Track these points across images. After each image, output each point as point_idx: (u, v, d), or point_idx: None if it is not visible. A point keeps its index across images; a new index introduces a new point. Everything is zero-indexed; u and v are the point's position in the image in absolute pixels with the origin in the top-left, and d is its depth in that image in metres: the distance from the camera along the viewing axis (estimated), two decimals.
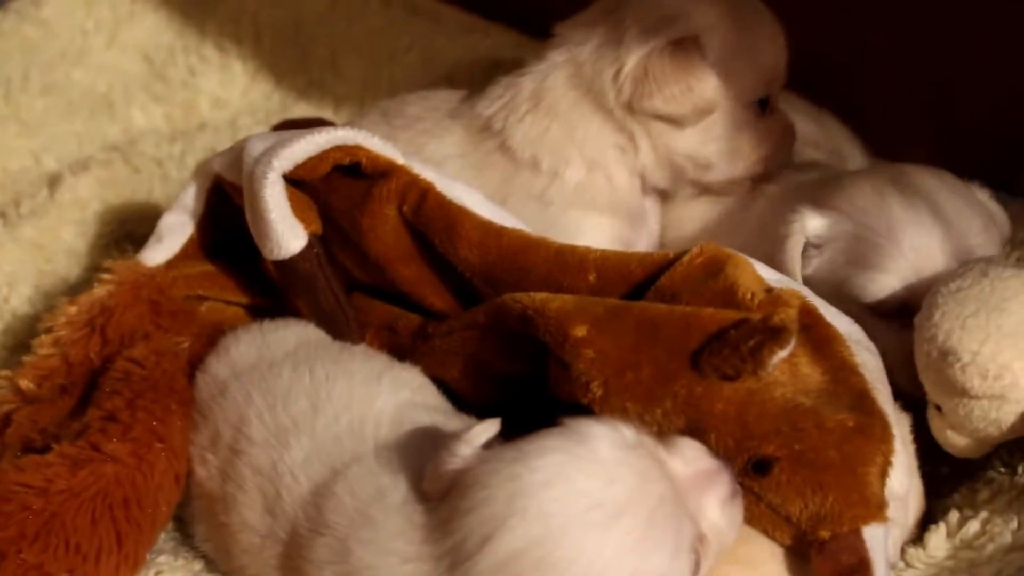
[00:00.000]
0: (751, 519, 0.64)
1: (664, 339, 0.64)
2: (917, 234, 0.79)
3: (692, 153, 0.90)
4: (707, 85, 0.85)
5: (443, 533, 0.58)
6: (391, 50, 1.27)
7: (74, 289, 0.95)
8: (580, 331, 0.66)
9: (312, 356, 0.76)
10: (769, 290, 0.67)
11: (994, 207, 0.85)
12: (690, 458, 0.60)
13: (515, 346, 0.73)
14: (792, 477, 0.62)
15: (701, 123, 0.88)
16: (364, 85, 1.25)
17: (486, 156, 0.91)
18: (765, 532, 0.64)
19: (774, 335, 0.60)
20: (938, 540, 0.72)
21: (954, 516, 0.74)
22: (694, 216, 0.93)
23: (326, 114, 1.22)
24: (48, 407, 0.76)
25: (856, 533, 0.61)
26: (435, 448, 0.61)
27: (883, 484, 0.62)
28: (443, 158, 0.90)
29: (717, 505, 0.60)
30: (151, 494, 0.72)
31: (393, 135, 0.92)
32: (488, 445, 0.61)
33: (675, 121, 0.87)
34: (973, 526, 0.72)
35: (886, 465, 0.63)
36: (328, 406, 0.72)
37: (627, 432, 0.59)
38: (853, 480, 0.62)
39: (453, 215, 0.75)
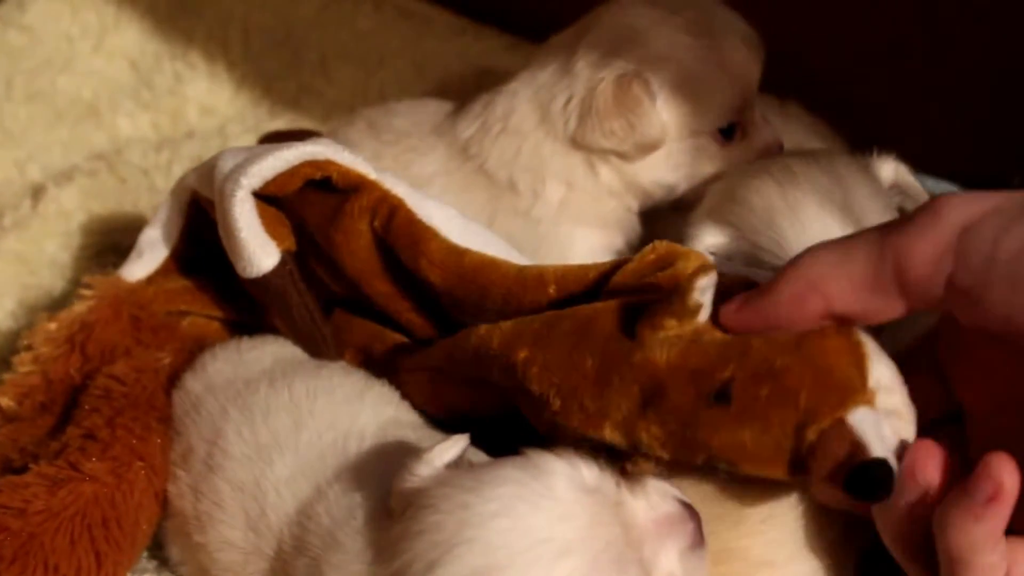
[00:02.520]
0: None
1: (599, 330, 0.64)
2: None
3: (654, 181, 0.89)
4: (650, 123, 0.84)
5: (392, 553, 0.57)
6: (381, 54, 1.25)
7: (58, 303, 0.94)
8: (522, 353, 0.66)
9: (290, 372, 0.75)
10: None
11: (906, 177, 0.83)
12: (655, 503, 0.59)
13: (477, 390, 0.73)
14: (756, 393, 0.58)
15: (659, 153, 0.87)
16: (354, 90, 1.23)
17: (469, 176, 0.90)
18: (764, 472, 0.60)
19: (699, 271, 0.59)
20: None
21: None
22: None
23: (315, 120, 1.21)
24: (28, 426, 0.75)
25: (840, 422, 0.56)
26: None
27: (859, 371, 0.58)
28: (429, 176, 0.90)
29: (675, 553, 0.58)
30: (131, 513, 0.71)
31: (380, 151, 0.91)
32: (457, 463, 0.61)
33: (619, 155, 0.86)
34: None
35: (859, 355, 0.59)
36: (311, 422, 0.71)
37: (587, 472, 0.57)
38: (818, 373, 0.57)
39: (419, 234, 0.74)
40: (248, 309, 0.84)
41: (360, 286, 0.78)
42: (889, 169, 0.83)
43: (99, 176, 1.09)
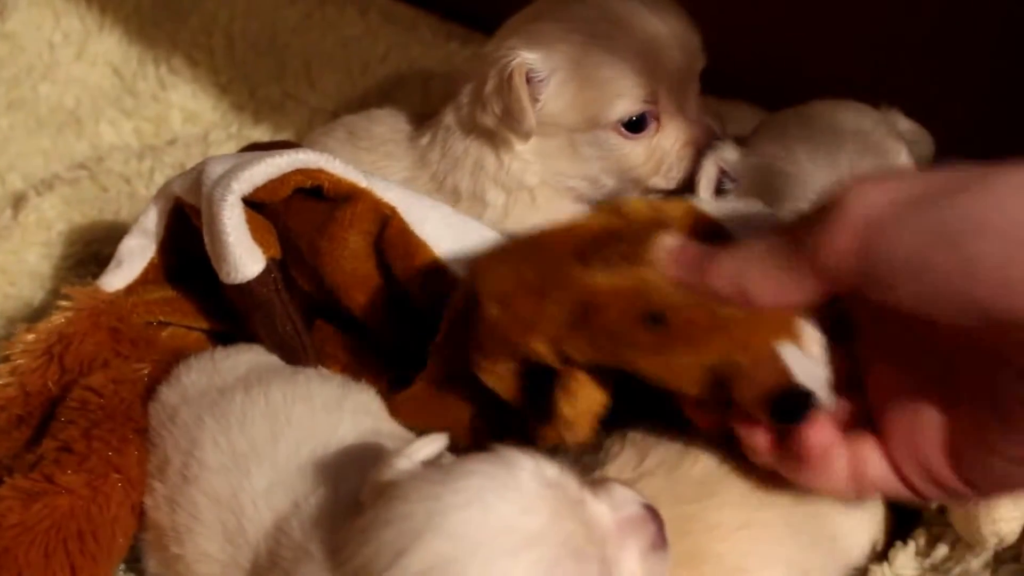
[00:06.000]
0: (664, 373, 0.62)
1: (546, 245, 0.65)
2: (815, 154, 0.79)
3: (560, 173, 0.89)
4: (522, 110, 0.84)
5: (359, 543, 0.58)
6: (366, 60, 1.25)
7: (38, 313, 0.93)
8: (478, 268, 0.67)
9: (266, 379, 0.75)
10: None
11: (911, 127, 0.87)
12: (618, 503, 0.59)
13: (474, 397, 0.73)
14: (693, 318, 0.60)
15: (561, 145, 0.87)
16: (339, 97, 1.23)
17: (426, 184, 0.92)
18: (681, 388, 0.62)
19: (661, 224, 0.62)
20: (906, 559, 0.71)
21: (923, 535, 0.73)
22: None
23: (300, 126, 1.21)
24: (4, 438, 0.75)
25: (771, 352, 0.59)
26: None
27: (792, 319, 0.61)
28: (401, 182, 0.89)
29: (637, 553, 0.58)
30: (107, 526, 0.71)
31: (358, 157, 0.92)
32: (434, 463, 0.61)
33: (505, 144, 0.87)
34: (942, 550, 0.71)
35: (791, 313, 0.61)
36: (288, 431, 0.71)
37: (550, 470, 0.58)
38: (753, 315, 0.60)
39: (413, 246, 0.75)
40: (228, 320, 0.84)
41: (339, 296, 0.78)
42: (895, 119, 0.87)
43: (81, 185, 1.09)
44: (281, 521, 0.66)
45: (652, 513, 0.60)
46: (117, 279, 0.82)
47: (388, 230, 0.75)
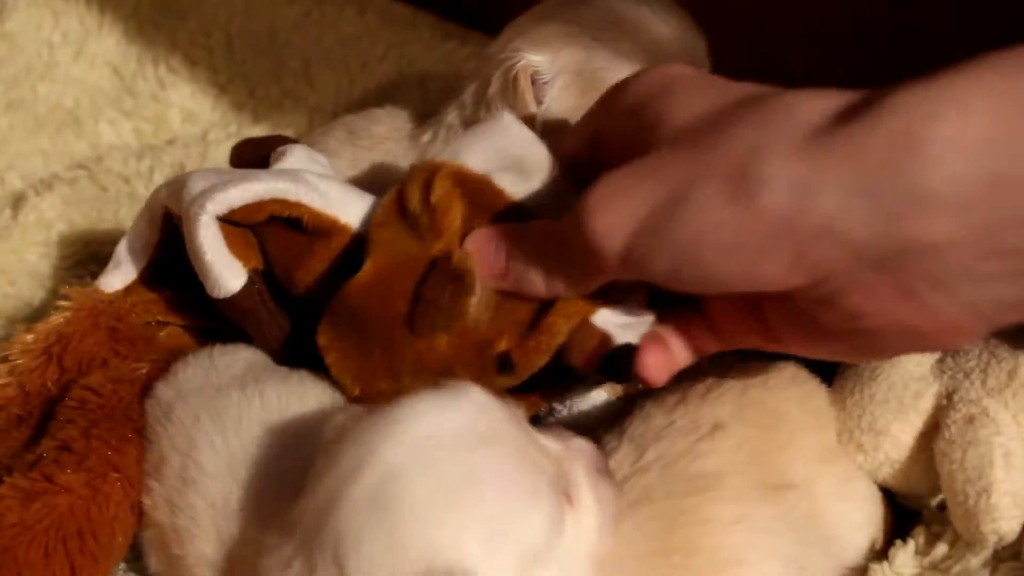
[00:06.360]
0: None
1: (374, 318, 0.67)
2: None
3: None
4: (526, 110, 0.84)
5: (315, 482, 0.57)
6: (365, 59, 1.25)
7: (38, 313, 0.94)
8: (323, 339, 0.70)
9: (261, 378, 0.75)
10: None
11: None
12: (564, 438, 0.62)
13: None
14: (533, 359, 0.65)
15: None
16: (337, 96, 1.24)
17: None
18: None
19: (462, 283, 0.64)
20: (905, 557, 0.71)
21: (922, 534, 0.73)
22: None
23: (299, 125, 1.21)
24: (4, 438, 0.75)
25: (585, 322, 0.64)
26: None
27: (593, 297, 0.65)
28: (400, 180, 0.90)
29: (583, 475, 0.60)
30: (106, 525, 0.71)
31: (359, 156, 0.91)
32: None
33: None
34: (941, 548, 0.71)
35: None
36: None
37: (500, 402, 0.60)
38: (569, 306, 0.65)
39: None
40: (225, 319, 0.83)
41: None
42: None
43: (80, 184, 1.09)
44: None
45: (596, 447, 0.63)
46: (116, 279, 0.82)
47: None
